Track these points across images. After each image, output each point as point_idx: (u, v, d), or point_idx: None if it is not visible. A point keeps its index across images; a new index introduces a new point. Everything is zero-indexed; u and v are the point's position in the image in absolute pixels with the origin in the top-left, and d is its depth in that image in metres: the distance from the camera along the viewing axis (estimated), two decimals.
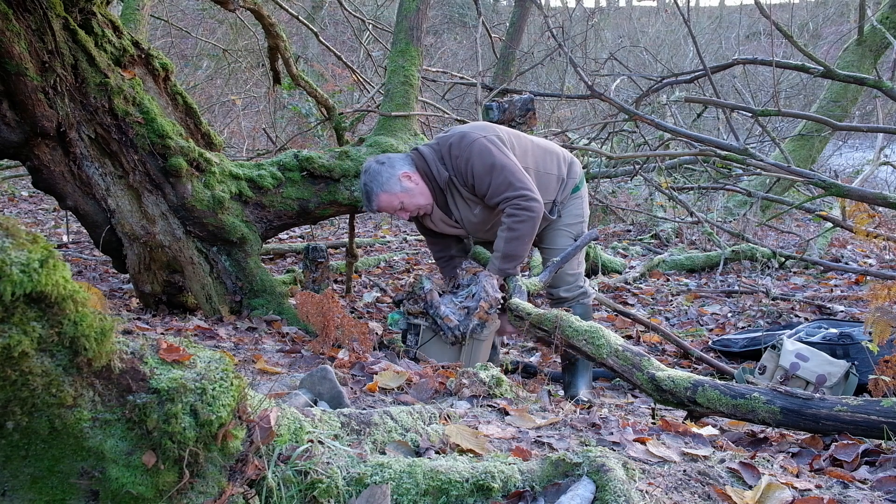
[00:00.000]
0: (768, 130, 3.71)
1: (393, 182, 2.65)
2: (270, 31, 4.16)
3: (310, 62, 10.69)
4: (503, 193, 2.59)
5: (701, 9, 18.57)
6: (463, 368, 2.07)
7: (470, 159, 2.61)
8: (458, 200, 2.74)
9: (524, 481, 1.29)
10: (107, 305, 1.14)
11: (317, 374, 1.79)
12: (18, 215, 6.84)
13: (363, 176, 2.70)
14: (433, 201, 2.74)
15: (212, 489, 1.11)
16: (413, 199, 2.69)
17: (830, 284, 4.84)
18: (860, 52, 6.18)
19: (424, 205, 2.72)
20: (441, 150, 2.71)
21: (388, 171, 2.66)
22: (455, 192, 2.73)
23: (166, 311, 3.20)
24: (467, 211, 2.75)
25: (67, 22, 2.74)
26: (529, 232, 2.62)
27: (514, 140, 2.77)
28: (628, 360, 1.98)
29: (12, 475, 1.04)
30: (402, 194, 2.66)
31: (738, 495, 1.31)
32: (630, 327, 3.94)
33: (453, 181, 2.69)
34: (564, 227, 2.94)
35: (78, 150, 2.86)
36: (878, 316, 2.34)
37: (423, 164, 2.70)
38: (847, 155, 10.24)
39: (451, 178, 2.68)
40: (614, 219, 7.34)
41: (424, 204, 2.72)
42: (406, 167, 2.68)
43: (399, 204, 2.67)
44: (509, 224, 2.61)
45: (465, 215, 2.77)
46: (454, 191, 2.73)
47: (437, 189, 2.71)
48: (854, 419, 1.68)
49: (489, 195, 2.63)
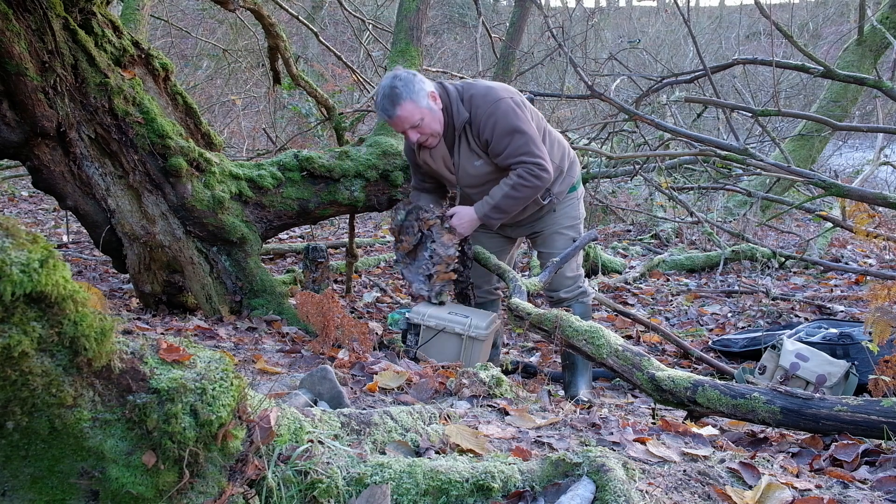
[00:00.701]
0: (768, 130, 3.71)
1: (422, 95, 2.59)
2: (270, 31, 4.16)
3: (310, 62, 10.68)
4: (520, 157, 2.59)
5: (701, 9, 18.57)
6: (463, 368, 2.07)
7: (493, 116, 2.59)
8: (464, 147, 2.71)
9: (524, 481, 1.29)
10: (107, 305, 1.14)
11: (317, 374, 1.79)
12: (18, 215, 6.84)
13: (391, 80, 2.60)
14: (443, 135, 2.70)
15: (212, 489, 1.11)
16: (431, 121, 2.62)
17: (830, 284, 4.84)
18: (860, 52, 6.18)
19: (437, 132, 2.66)
20: (463, 95, 2.68)
21: (420, 84, 2.60)
22: (465, 137, 2.70)
23: (166, 311, 3.20)
24: (468, 160, 2.72)
25: (67, 22, 2.74)
26: (529, 197, 2.66)
27: (533, 114, 2.77)
28: (628, 360, 1.98)
29: (12, 475, 1.04)
30: (425, 110, 2.60)
31: (738, 495, 1.31)
32: (630, 327, 3.94)
33: (468, 127, 2.67)
34: (562, 229, 2.94)
35: (78, 150, 2.86)
36: (878, 316, 2.34)
37: (445, 97, 2.67)
38: (847, 155, 10.24)
39: (467, 122, 2.66)
40: (614, 219, 7.34)
41: (437, 131, 2.66)
42: (434, 89, 2.65)
43: (419, 119, 2.60)
44: (515, 183, 2.60)
45: (464, 164, 2.73)
46: (464, 136, 2.69)
47: (450, 126, 2.68)
48: (854, 419, 1.68)
49: (504, 155, 2.60)
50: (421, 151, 2.80)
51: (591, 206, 6.73)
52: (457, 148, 2.72)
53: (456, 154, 2.73)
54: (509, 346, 3.84)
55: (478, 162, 2.71)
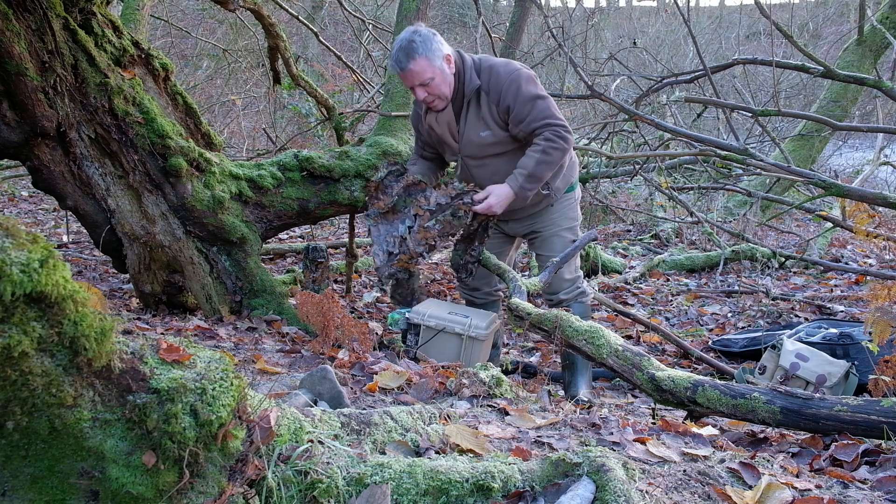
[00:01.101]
0: (768, 130, 3.71)
1: (438, 55, 2.60)
2: (270, 31, 4.16)
3: (310, 62, 10.69)
4: (545, 120, 2.61)
5: (701, 9, 18.57)
6: (463, 368, 2.07)
7: (516, 83, 2.62)
8: (471, 115, 2.71)
9: (524, 481, 1.29)
10: (107, 305, 1.14)
11: (317, 374, 1.79)
12: (18, 215, 6.84)
13: (410, 34, 2.61)
14: (451, 101, 2.70)
15: (212, 489, 1.11)
16: (442, 83, 2.64)
17: (830, 284, 4.84)
18: (860, 52, 6.18)
19: (445, 95, 2.67)
20: (479, 66, 2.70)
21: (437, 44, 2.61)
22: (474, 106, 2.69)
23: (166, 311, 3.20)
24: (473, 129, 2.71)
25: (67, 22, 2.74)
26: (558, 161, 2.66)
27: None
28: (628, 360, 1.98)
29: (12, 475, 1.04)
30: (437, 70, 2.61)
31: (738, 495, 1.31)
32: (630, 327, 3.94)
33: (480, 95, 2.67)
34: (561, 231, 2.93)
35: (78, 150, 2.86)
36: (878, 316, 2.34)
37: (460, 63, 2.69)
38: (847, 155, 10.24)
39: (480, 90, 2.66)
40: (614, 219, 7.34)
41: (446, 94, 2.67)
42: (451, 53, 2.67)
43: (430, 77, 2.60)
44: (545, 147, 2.61)
45: (469, 132, 2.72)
46: (474, 104, 2.69)
47: (459, 92, 2.69)
48: (854, 419, 1.68)
49: (529, 120, 2.62)
50: (428, 115, 2.79)
51: (591, 206, 6.73)
52: (463, 115, 2.72)
53: (462, 121, 2.73)
54: (509, 346, 3.84)
55: (484, 132, 2.70)
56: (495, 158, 2.76)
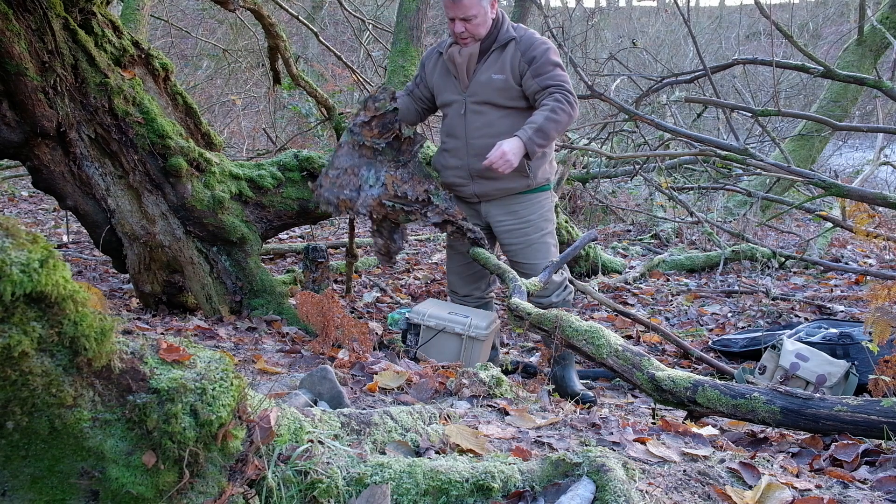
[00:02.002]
0: (768, 130, 3.71)
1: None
2: (270, 31, 4.16)
3: (310, 62, 10.69)
4: (560, 83, 2.71)
5: (701, 9, 18.58)
6: (463, 368, 2.07)
7: (546, 45, 2.77)
8: (493, 58, 2.77)
9: (524, 481, 1.29)
10: (107, 305, 1.14)
11: (317, 374, 1.79)
12: (18, 215, 6.84)
13: None
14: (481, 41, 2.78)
15: (212, 489, 1.11)
16: (482, 23, 2.72)
17: (830, 284, 4.84)
18: (860, 52, 6.18)
19: (480, 36, 2.75)
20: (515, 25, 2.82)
21: None
22: (500, 52, 2.77)
23: (166, 311, 3.20)
24: (489, 70, 2.77)
25: (67, 22, 2.74)
26: (565, 125, 2.73)
27: None
28: (628, 360, 1.98)
29: (12, 475, 1.04)
30: (482, 10, 2.70)
31: (738, 495, 1.31)
32: (630, 327, 3.94)
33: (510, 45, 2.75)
34: (543, 236, 2.90)
35: (78, 150, 2.86)
36: (878, 316, 2.34)
37: (501, 16, 2.80)
38: (847, 155, 10.24)
39: (512, 41, 2.75)
40: (614, 219, 7.34)
41: (481, 35, 2.75)
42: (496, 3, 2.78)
43: (474, 14, 2.69)
44: (554, 106, 2.67)
45: (485, 75, 2.78)
46: (500, 51, 2.77)
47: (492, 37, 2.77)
48: (854, 419, 1.68)
49: (546, 76, 2.71)
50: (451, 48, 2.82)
51: (591, 206, 6.73)
52: (486, 56, 2.79)
53: (482, 61, 2.79)
54: (509, 346, 3.84)
55: (497, 76, 2.76)
56: (493, 109, 2.79)
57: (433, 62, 2.94)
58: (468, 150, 2.83)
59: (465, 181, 2.89)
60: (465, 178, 2.89)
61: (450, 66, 2.84)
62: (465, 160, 2.85)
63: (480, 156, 2.73)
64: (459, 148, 2.85)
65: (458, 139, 2.86)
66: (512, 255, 2.96)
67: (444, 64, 2.88)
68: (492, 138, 2.72)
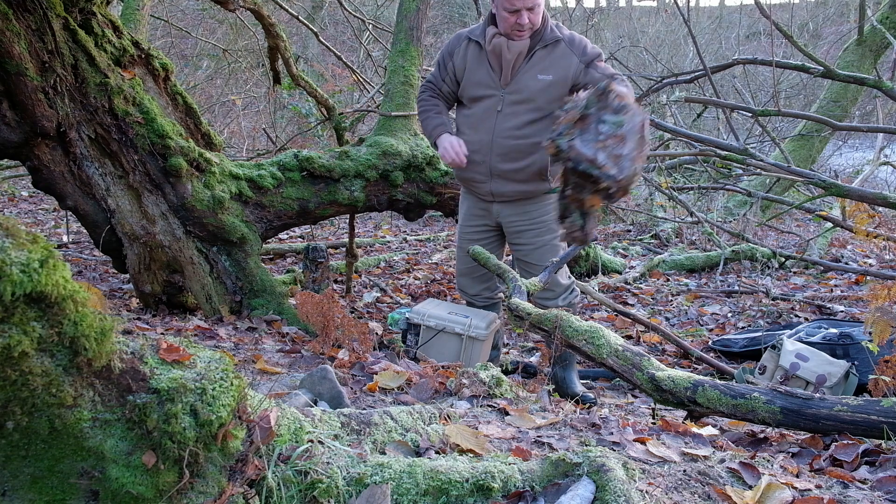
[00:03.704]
0: (768, 130, 3.71)
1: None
2: (270, 31, 4.17)
3: (310, 62, 10.69)
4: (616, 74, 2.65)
5: (701, 9, 18.56)
6: (463, 368, 2.07)
7: (593, 44, 2.75)
8: (538, 57, 2.68)
9: (524, 481, 1.29)
10: (107, 305, 1.14)
11: (317, 374, 1.79)
12: (18, 215, 6.84)
13: None
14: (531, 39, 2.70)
15: (212, 489, 1.11)
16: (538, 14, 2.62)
17: (830, 284, 4.84)
18: (860, 52, 6.18)
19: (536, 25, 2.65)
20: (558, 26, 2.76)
21: None
22: (545, 51, 2.67)
23: (166, 311, 3.20)
24: (533, 71, 2.67)
25: (67, 22, 2.74)
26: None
27: None
28: (628, 360, 1.98)
29: (12, 475, 1.04)
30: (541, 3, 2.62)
31: (738, 495, 1.31)
32: (630, 327, 3.94)
33: (558, 45, 2.67)
34: (554, 239, 2.86)
35: (78, 150, 2.86)
36: (878, 316, 2.34)
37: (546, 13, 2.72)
38: (847, 155, 10.24)
39: (560, 41, 2.67)
40: (614, 219, 7.34)
41: (537, 24, 2.65)
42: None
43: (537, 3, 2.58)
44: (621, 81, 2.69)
45: (529, 73, 2.67)
46: (545, 50, 2.67)
47: (539, 35, 2.67)
48: (854, 419, 1.68)
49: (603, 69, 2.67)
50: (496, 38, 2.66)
51: None
52: (532, 54, 2.68)
53: (528, 59, 2.68)
54: (509, 346, 3.84)
55: (543, 76, 2.67)
56: (529, 111, 2.69)
57: (462, 51, 2.76)
58: (493, 149, 2.72)
59: (484, 179, 2.79)
60: (483, 176, 2.78)
61: (491, 58, 2.68)
62: (487, 158, 2.73)
63: (504, 156, 2.69)
64: (484, 145, 2.73)
65: (483, 135, 2.73)
66: (522, 255, 2.90)
67: (478, 54, 2.72)
68: (518, 140, 2.67)
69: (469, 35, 2.77)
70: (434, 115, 2.82)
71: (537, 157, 2.71)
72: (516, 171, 2.73)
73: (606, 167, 2.12)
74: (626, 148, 2.13)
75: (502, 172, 2.74)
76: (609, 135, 2.14)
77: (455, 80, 2.81)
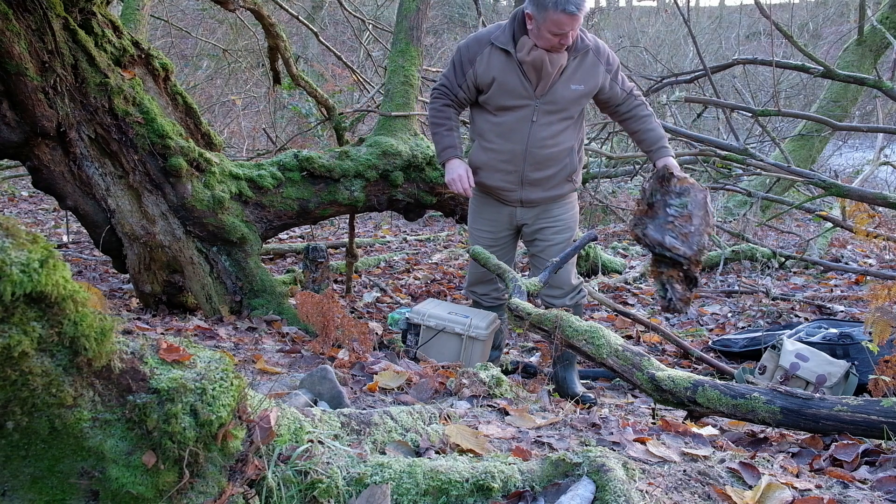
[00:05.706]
0: (768, 130, 3.71)
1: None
2: (270, 31, 4.17)
3: (310, 62, 10.69)
4: (632, 87, 2.81)
5: (701, 9, 18.57)
6: (463, 368, 2.07)
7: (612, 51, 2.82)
8: (572, 68, 2.67)
9: (524, 481, 1.29)
10: (107, 305, 1.14)
11: (317, 374, 1.79)
12: (18, 215, 6.84)
13: None
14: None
15: (212, 489, 1.11)
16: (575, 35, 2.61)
17: (830, 284, 4.84)
18: (860, 52, 6.18)
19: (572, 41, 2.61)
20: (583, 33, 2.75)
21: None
22: (578, 61, 2.67)
23: (166, 311, 3.20)
24: (570, 79, 2.67)
25: (67, 22, 2.74)
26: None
27: None
28: (628, 360, 1.98)
29: (12, 475, 1.04)
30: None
31: (738, 495, 1.31)
32: (630, 327, 3.94)
33: (588, 54, 2.68)
34: (568, 241, 2.87)
35: (78, 150, 2.86)
36: (878, 316, 2.34)
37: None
38: (847, 155, 10.24)
39: (589, 50, 2.68)
40: (614, 219, 7.34)
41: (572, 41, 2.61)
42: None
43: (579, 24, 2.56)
44: (650, 114, 2.81)
45: (565, 81, 2.67)
46: (577, 60, 2.66)
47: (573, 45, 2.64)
48: (854, 419, 1.68)
49: (622, 82, 2.78)
50: (535, 51, 2.60)
51: (591, 206, 6.73)
52: (567, 64, 2.65)
53: (565, 71, 2.66)
54: (509, 346, 3.84)
55: (576, 86, 2.68)
56: (561, 120, 2.70)
57: (486, 59, 2.66)
58: (526, 158, 2.70)
59: (514, 188, 2.77)
60: (514, 185, 2.76)
61: (528, 69, 2.61)
62: (520, 167, 2.72)
63: (538, 164, 2.69)
64: (516, 154, 2.70)
65: (516, 144, 2.70)
66: (538, 251, 2.90)
67: (507, 63, 2.63)
68: (551, 149, 2.68)
69: (493, 41, 2.66)
70: (445, 132, 2.78)
71: (567, 161, 2.77)
72: (548, 178, 2.76)
73: (675, 247, 2.46)
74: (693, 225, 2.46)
75: (534, 181, 2.74)
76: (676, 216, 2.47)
77: (474, 87, 2.73)
